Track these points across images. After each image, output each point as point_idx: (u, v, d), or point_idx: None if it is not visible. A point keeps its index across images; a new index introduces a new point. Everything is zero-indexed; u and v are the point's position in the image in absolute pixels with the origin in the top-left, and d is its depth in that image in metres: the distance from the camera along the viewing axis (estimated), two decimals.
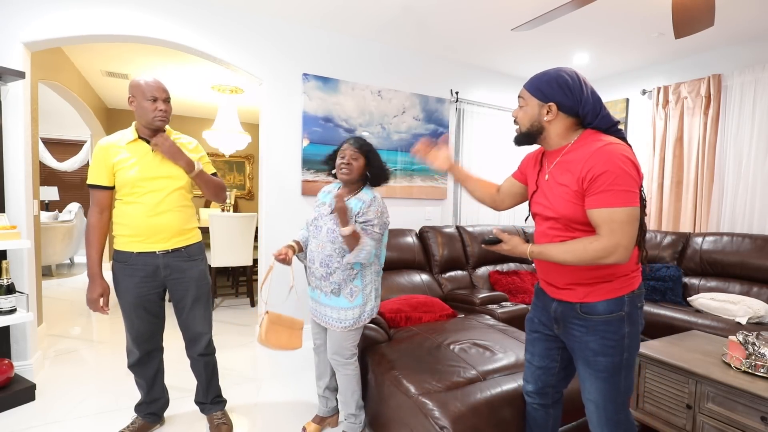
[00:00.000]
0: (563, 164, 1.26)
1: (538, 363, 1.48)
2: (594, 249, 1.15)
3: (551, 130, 1.28)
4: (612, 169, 1.13)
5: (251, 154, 7.27)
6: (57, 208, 6.78)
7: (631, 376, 1.29)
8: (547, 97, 1.25)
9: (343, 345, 1.88)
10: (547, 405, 1.53)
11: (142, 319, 1.87)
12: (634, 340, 1.27)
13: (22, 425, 2.06)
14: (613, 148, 1.16)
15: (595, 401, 1.30)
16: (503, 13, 2.96)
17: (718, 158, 3.49)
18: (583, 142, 1.24)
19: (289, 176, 3.23)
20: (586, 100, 1.23)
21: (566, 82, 1.23)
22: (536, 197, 1.38)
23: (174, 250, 1.85)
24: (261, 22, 3.06)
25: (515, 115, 1.35)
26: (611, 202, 1.13)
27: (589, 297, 1.27)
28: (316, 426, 2.08)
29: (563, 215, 1.25)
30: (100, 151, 1.78)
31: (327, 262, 1.82)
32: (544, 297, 1.43)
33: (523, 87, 1.32)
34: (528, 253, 1.27)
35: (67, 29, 2.48)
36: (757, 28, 3.10)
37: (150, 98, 1.75)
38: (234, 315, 4.04)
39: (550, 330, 1.41)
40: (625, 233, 1.13)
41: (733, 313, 2.68)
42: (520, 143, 1.36)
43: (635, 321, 1.26)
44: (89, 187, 1.81)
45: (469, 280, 3.40)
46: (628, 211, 1.13)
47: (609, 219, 1.14)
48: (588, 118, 1.24)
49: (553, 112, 1.25)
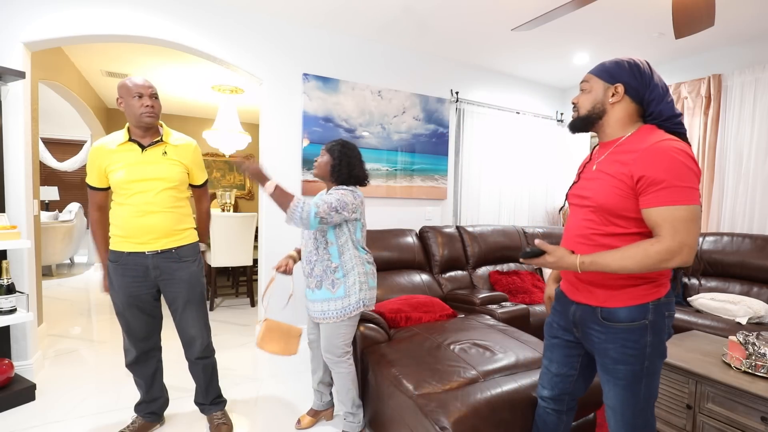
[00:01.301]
0: (615, 155, 1.20)
1: (556, 370, 1.43)
2: (657, 251, 1.07)
3: (612, 115, 1.23)
4: (673, 165, 1.07)
5: (251, 154, 7.26)
6: (57, 208, 6.78)
7: (654, 383, 1.23)
8: (614, 78, 1.21)
9: (333, 342, 1.90)
10: (561, 411, 1.49)
11: (136, 318, 1.88)
12: (657, 349, 1.20)
13: (22, 425, 2.06)
14: (672, 143, 1.11)
15: (613, 407, 1.27)
16: (503, 13, 2.96)
17: (718, 158, 3.49)
18: (641, 135, 1.18)
19: (289, 176, 3.23)
20: (654, 86, 1.19)
21: (637, 65, 1.20)
22: (575, 188, 1.33)
23: (163, 251, 1.85)
24: (261, 22, 3.06)
25: (575, 101, 1.30)
26: (673, 200, 1.06)
27: (610, 301, 1.21)
28: (310, 419, 2.12)
29: (603, 205, 1.19)
30: (92, 154, 1.83)
31: (309, 258, 1.90)
32: (563, 300, 1.38)
33: (589, 72, 1.28)
34: (578, 264, 1.16)
35: (67, 29, 2.48)
36: (757, 28, 3.10)
37: (135, 95, 1.77)
38: (234, 315, 4.04)
39: (571, 335, 1.36)
40: (689, 232, 1.06)
41: (733, 313, 2.68)
42: (576, 129, 1.31)
43: (660, 330, 1.19)
44: (88, 186, 1.88)
45: (469, 280, 3.40)
46: (691, 208, 1.06)
47: (671, 218, 1.07)
48: (653, 105, 1.19)
49: (619, 93, 1.20)
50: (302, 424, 2.10)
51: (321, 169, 1.93)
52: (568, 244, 1.34)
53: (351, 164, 1.90)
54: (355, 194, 1.87)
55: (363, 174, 1.96)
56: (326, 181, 1.95)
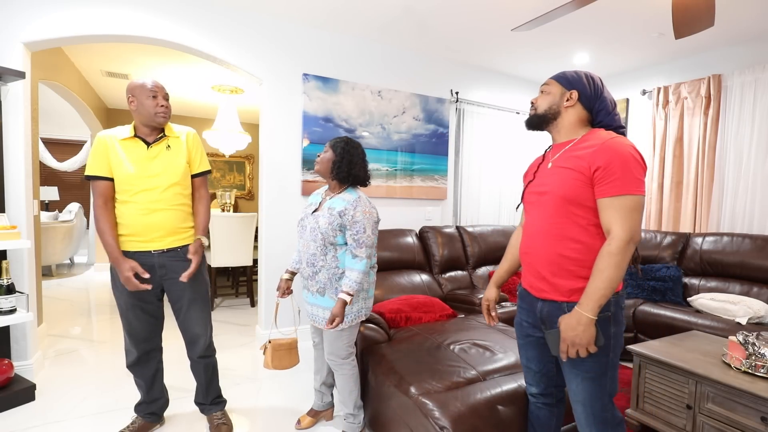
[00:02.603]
0: (571, 152, 1.30)
1: (536, 367, 1.47)
2: (617, 248, 1.17)
3: (565, 118, 1.35)
4: (626, 158, 1.19)
5: (251, 154, 7.27)
6: (57, 208, 6.79)
7: (616, 375, 1.31)
8: (571, 84, 1.34)
9: (336, 345, 1.89)
10: (551, 404, 1.52)
11: (139, 319, 1.88)
12: (619, 340, 1.29)
13: (22, 425, 2.06)
14: (623, 140, 1.24)
15: (583, 402, 1.31)
16: (503, 13, 2.96)
17: (718, 158, 3.49)
18: (591, 137, 1.30)
19: (289, 176, 3.23)
20: (603, 98, 1.33)
21: (591, 77, 1.35)
22: (531, 186, 1.41)
23: (169, 250, 1.85)
24: (261, 22, 3.06)
25: (534, 101, 1.41)
26: (624, 190, 1.18)
27: (575, 295, 1.26)
28: (310, 419, 2.12)
29: (563, 195, 1.27)
30: (100, 143, 1.79)
31: (312, 261, 1.86)
32: (528, 298, 1.41)
33: (550, 77, 1.40)
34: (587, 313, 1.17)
35: (67, 29, 2.48)
36: (757, 28, 3.10)
37: (151, 94, 1.78)
38: (234, 315, 4.04)
39: (540, 331, 1.40)
40: (634, 220, 1.18)
41: (733, 314, 2.68)
42: (532, 125, 1.42)
43: (620, 321, 1.28)
44: (89, 179, 1.78)
45: (469, 281, 3.40)
46: (637, 198, 1.19)
47: (621, 206, 1.18)
48: (600, 116, 1.33)
49: (573, 99, 1.33)
50: (302, 425, 2.10)
51: (323, 165, 1.90)
52: (529, 242, 1.38)
53: (352, 162, 1.87)
54: (370, 203, 1.86)
55: (364, 174, 1.92)
56: (327, 177, 1.92)
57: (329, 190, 1.96)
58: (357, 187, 1.93)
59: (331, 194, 1.92)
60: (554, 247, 1.29)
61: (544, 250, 1.31)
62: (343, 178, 1.88)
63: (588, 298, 1.18)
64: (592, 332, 1.18)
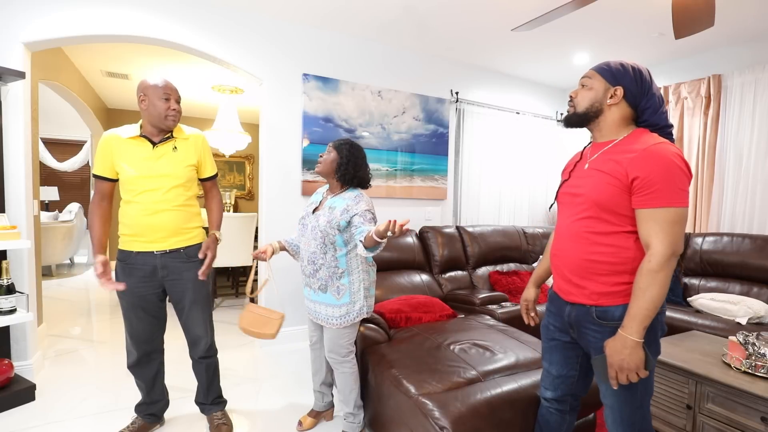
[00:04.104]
0: (610, 154, 1.22)
1: (556, 372, 1.43)
2: (658, 264, 1.10)
3: (608, 116, 1.25)
4: (669, 168, 1.10)
5: (251, 154, 7.27)
6: (57, 208, 6.78)
7: (650, 380, 1.25)
8: (616, 80, 1.22)
9: (337, 342, 1.90)
10: (565, 411, 1.49)
11: (141, 320, 1.87)
12: (651, 346, 1.20)
13: (22, 425, 2.06)
14: (667, 146, 1.14)
15: (611, 405, 1.27)
16: (503, 14, 2.96)
17: (718, 158, 3.49)
18: (634, 139, 1.20)
19: (289, 176, 3.23)
20: (652, 95, 1.22)
21: (640, 72, 1.22)
22: (566, 186, 1.34)
23: (172, 251, 1.85)
24: (261, 22, 3.06)
25: (573, 96, 1.31)
26: (665, 202, 1.10)
27: (603, 300, 1.21)
28: (311, 420, 2.12)
29: (596, 200, 1.20)
30: (104, 143, 1.80)
31: (313, 259, 1.87)
32: (558, 301, 1.38)
33: (591, 69, 1.29)
34: (633, 336, 1.12)
35: (67, 29, 2.48)
36: (757, 28, 3.10)
37: (164, 97, 1.77)
38: (234, 315, 4.04)
39: (567, 336, 1.36)
40: (675, 234, 1.11)
41: (733, 314, 2.68)
42: (571, 124, 1.32)
43: (653, 327, 1.19)
44: (94, 176, 1.84)
45: (469, 281, 3.40)
46: (680, 211, 1.11)
47: (661, 219, 1.11)
48: (646, 114, 1.22)
49: (617, 96, 1.22)
50: (303, 426, 2.09)
51: (326, 165, 1.90)
52: (559, 244, 1.34)
53: (357, 165, 1.90)
54: (371, 202, 1.88)
55: (367, 177, 1.95)
56: (328, 178, 1.93)
57: (330, 190, 1.97)
58: (357, 188, 1.94)
59: (332, 194, 1.93)
60: (583, 251, 1.24)
61: (573, 253, 1.27)
62: (347, 180, 1.89)
63: (632, 320, 1.12)
64: (641, 355, 1.11)
